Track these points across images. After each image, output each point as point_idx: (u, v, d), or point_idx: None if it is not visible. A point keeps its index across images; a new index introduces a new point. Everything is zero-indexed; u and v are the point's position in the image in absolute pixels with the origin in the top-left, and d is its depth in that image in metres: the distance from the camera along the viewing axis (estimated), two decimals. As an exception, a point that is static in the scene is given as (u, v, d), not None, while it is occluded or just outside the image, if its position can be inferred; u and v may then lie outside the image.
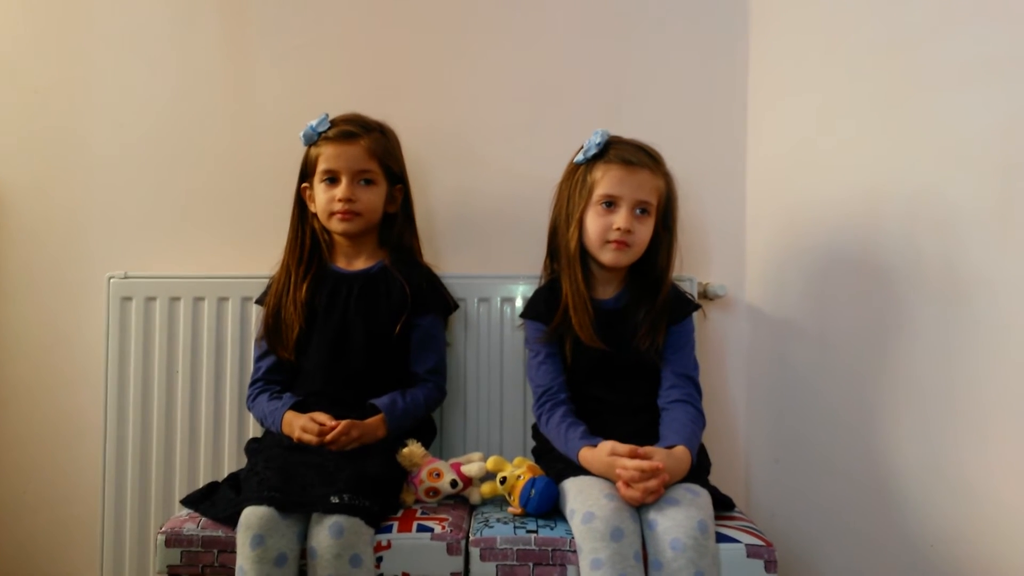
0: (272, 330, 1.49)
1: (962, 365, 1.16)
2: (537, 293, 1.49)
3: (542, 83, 1.78)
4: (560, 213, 1.44)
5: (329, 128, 1.49)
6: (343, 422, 1.32)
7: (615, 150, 1.38)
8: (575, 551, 1.16)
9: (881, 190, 1.34)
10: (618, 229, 1.35)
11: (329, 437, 1.30)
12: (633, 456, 1.18)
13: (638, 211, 1.37)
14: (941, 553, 1.19)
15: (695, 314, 1.47)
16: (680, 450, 1.24)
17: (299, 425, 1.34)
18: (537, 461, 1.43)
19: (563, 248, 1.42)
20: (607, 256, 1.38)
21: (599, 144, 1.38)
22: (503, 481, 1.34)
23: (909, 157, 1.27)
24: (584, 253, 1.41)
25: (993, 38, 1.11)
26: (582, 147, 1.42)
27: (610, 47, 1.78)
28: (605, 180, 1.37)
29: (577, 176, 1.41)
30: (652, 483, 1.15)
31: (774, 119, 1.69)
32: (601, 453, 1.23)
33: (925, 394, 1.24)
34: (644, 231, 1.38)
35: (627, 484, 1.16)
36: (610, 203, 1.37)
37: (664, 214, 1.42)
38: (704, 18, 1.77)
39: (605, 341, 1.37)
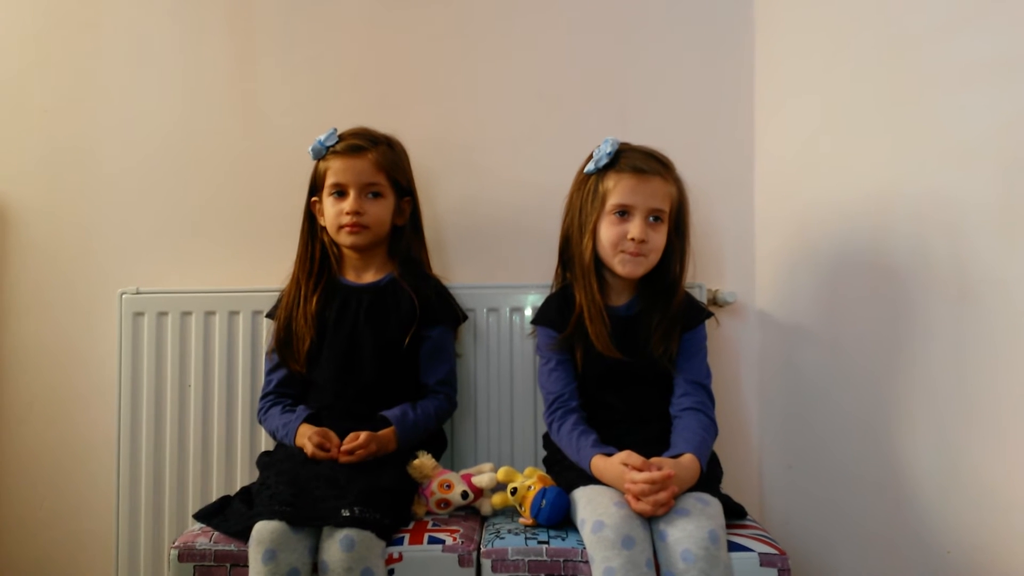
0: (283, 343, 1.50)
1: (976, 366, 1.15)
2: (549, 300, 1.49)
3: (547, 91, 1.78)
4: (572, 223, 1.44)
5: (337, 142, 1.50)
6: (363, 435, 1.33)
7: (626, 158, 1.38)
8: (587, 561, 1.16)
9: (889, 192, 1.33)
10: (632, 239, 1.35)
11: (348, 447, 1.31)
12: (644, 470, 1.18)
13: (651, 219, 1.37)
14: (958, 559, 1.18)
15: (707, 322, 1.47)
16: (687, 458, 1.24)
17: (310, 435, 1.34)
18: (548, 471, 1.43)
19: (577, 258, 1.42)
20: (621, 267, 1.38)
21: (609, 153, 1.38)
22: (514, 492, 1.34)
23: (916, 158, 1.27)
24: (599, 262, 1.41)
25: (997, 38, 1.11)
26: (591, 156, 1.42)
27: (615, 54, 1.78)
28: (617, 190, 1.37)
29: (588, 186, 1.41)
30: (662, 496, 1.14)
31: (781, 122, 1.69)
32: (614, 463, 1.23)
33: (939, 397, 1.23)
34: (658, 239, 1.38)
35: (637, 497, 1.16)
36: (623, 212, 1.37)
37: (677, 220, 1.42)
38: (708, 22, 1.77)
39: (618, 348, 1.37)
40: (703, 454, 1.28)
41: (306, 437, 1.34)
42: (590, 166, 1.41)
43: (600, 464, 1.26)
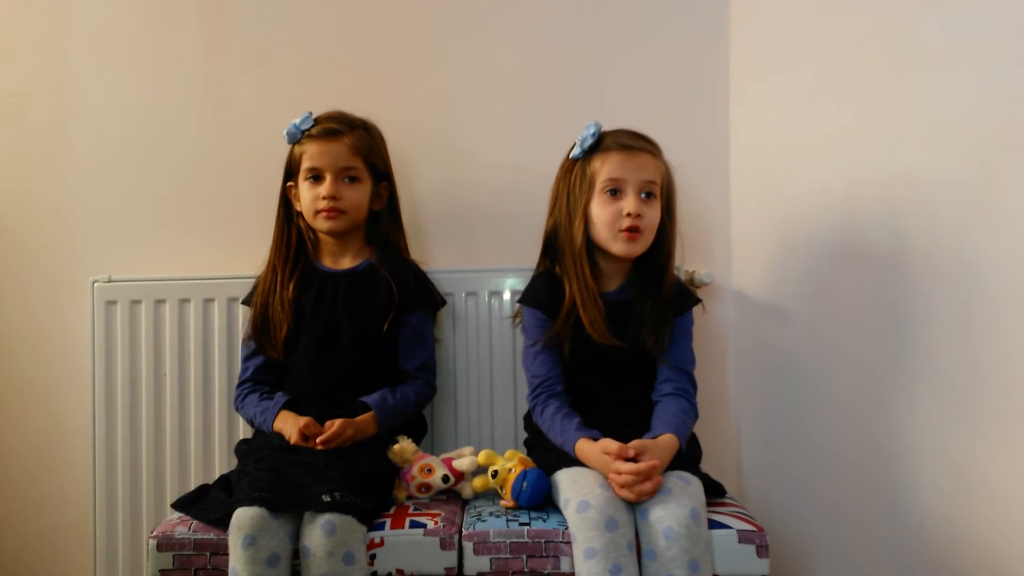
0: (260, 330, 1.49)
1: (947, 344, 1.17)
2: (536, 279, 1.46)
3: (523, 74, 1.77)
4: (561, 212, 1.41)
5: (313, 126, 1.48)
6: (337, 423, 1.32)
7: (611, 139, 1.37)
8: (568, 542, 1.16)
9: (864, 172, 1.34)
10: (628, 215, 1.32)
11: (323, 438, 1.30)
12: (621, 456, 1.18)
13: (644, 195, 1.35)
14: (931, 533, 1.20)
15: (695, 309, 1.47)
16: (665, 438, 1.25)
17: (303, 425, 1.33)
18: (529, 453, 1.43)
19: (568, 245, 1.39)
20: (619, 247, 1.35)
21: (594, 135, 1.36)
22: (495, 475, 1.35)
23: (890, 139, 1.28)
24: (590, 247, 1.39)
25: (970, 19, 1.11)
26: (575, 143, 1.40)
27: (592, 36, 1.77)
28: (607, 167, 1.35)
29: (575, 171, 1.39)
30: (647, 486, 1.15)
31: (756, 104, 1.70)
32: (598, 448, 1.23)
33: (910, 374, 1.24)
34: (653, 214, 1.36)
35: (622, 487, 1.16)
36: (615, 190, 1.34)
37: (667, 200, 1.41)
38: (684, 5, 1.77)
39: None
40: (682, 435, 1.29)
41: (295, 426, 1.33)
42: (575, 151, 1.39)
43: (585, 448, 1.26)
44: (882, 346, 1.31)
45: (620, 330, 1.38)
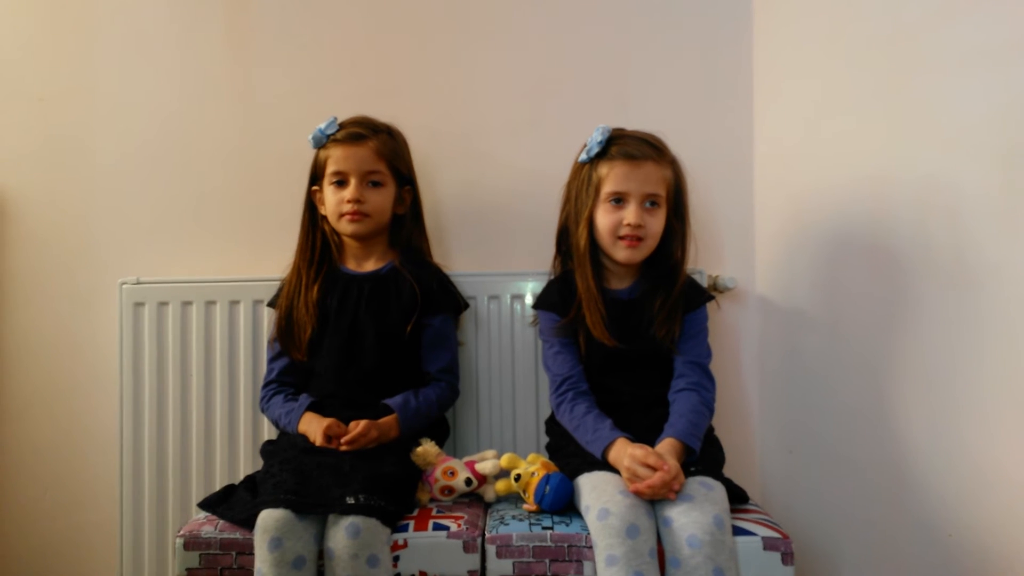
0: (285, 332, 1.50)
1: (974, 352, 1.16)
2: (550, 284, 1.50)
3: (545, 77, 1.78)
4: (569, 213, 1.44)
5: (337, 130, 1.49)
6: (361, 423, 1.33)
7: (618, 145, 1.38)
8: (591, 547, 1.16)
9: (889, 177, 1.33)
10: (628, 224, 1.35)
11: (347, 438, 1.31)
12: (645, 462, 1.18)
13: (647, 204, 1.37)
14: (959, 542, 1.19)
15: (708, 305, 1.47)
16: (665, 444, 1.25)
17: (327, 426, 1.34)
18: (551, 457, 1.43)
19: (574, 247, 1.42)
20: (621, 254, 1.38)
21: (601, 142, 1.38)
22: (517, 478, 1.34)
23: (916, 144, 1.27)
24: (595, 250, 1.41)
25: (994, 24, 1.11)
26: (585, 145, 1.42)
27: (612, 39, 1.77)
28: (611, 177, 1.37)
29: (583, 175, 1.41)
30: (671, 481, 1.15)
31: (780, 108, 1.69)
32: (632, 450, 1.22)
33: (937, 382, 1.23)
34: (656, 223, 1.38)
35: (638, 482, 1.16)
36: (618, 200, 1.37)
37: (675, 203, 1.42)
38: (707, 8, 1.76)
39: (620, 332, 1.37)
40: (689, 435, 1.28)
41: (320, 427, 1.34)
42: (583, 155, 1.42)
43: (622, 450, 1.23)
44: (906, 353, 1.30)
45: (632, 328, 1.39)
